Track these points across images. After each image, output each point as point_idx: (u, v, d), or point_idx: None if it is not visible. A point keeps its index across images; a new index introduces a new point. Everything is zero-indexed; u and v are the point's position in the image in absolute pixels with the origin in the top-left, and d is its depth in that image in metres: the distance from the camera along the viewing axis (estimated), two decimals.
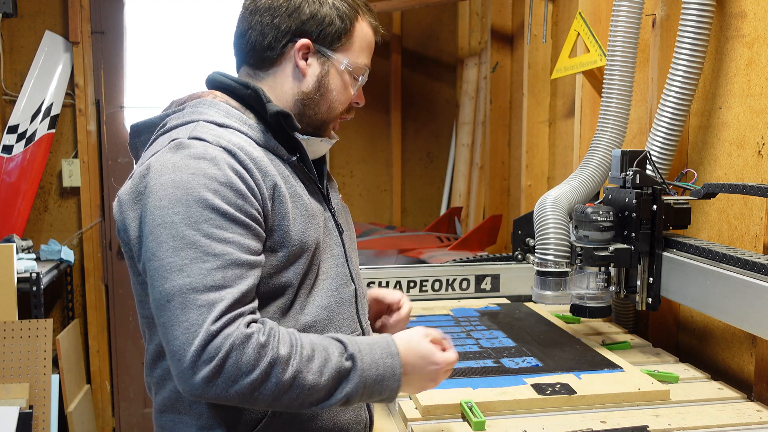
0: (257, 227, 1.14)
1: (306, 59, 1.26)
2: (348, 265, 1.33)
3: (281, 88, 1.28)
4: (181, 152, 1.13)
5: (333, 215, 1.34)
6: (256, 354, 1.05)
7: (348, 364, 1.12)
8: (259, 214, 1.15)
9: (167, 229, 1.08)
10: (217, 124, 1.21)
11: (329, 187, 1.39)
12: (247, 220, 1.12)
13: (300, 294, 1.23)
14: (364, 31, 1.29)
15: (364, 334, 1.34)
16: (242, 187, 1.13)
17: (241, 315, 1.08)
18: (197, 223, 1.08)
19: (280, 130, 1.26)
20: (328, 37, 1.26)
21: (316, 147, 1.33)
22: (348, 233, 1.39)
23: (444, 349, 1.25)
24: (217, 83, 1.30)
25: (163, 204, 1.09)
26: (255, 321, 1.10)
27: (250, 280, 1.11)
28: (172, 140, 1.16)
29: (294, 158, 1.25)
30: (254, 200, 1.14)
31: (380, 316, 1.49)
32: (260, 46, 1.26)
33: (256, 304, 1.13)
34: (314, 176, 1.29)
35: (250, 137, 1.22)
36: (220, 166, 1.12)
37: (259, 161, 1.18)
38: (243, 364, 1.04)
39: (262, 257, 1.15)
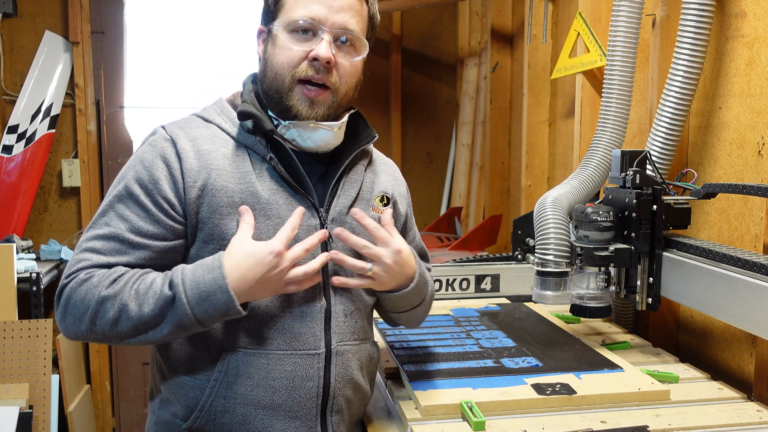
0: (158, 213, 1.21)
1: (265, 43, 1.31)
2: (325, 279, 1.28)
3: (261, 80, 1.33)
4: (149, 136, 1.29)
5: (323, 224, 1.28)
6: (88, 294, 1.16)
7: (169, 291, 1.15)
8: (169, 202, 1.21)
9: (107, 194, 1.26)
10: (203, 119, 1.31)
11: (340, 191, 1.31)
12: (148, 203, 1.21)
13: None
14: None
15: (330, 355, 1.27)
16: (160, 174, 1.21)
17: (88, 268, 1.19)
18: (114, 196, 1.23)
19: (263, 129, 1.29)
20: (269, 14, 1.29)
21: (310, 131, 1.27)
22: (347, 246, 1.28)
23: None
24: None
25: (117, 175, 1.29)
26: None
27: (128, 258, 1.20)
28: (157, 126, 1.31)
29: (269, 156, 1.26)
30: (167, 188, 1.21)
31: None
32: None
33: None
34: (294, 178, 1.26)
35: (228, 133, 1.29)
36: (154, 152, 1.24)
37: (204, 154, 1.24)
38: (79, 305, 1.17)
39: (158, 243, 1.22)
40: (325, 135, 1.29)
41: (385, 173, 1.45)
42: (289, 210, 1.25)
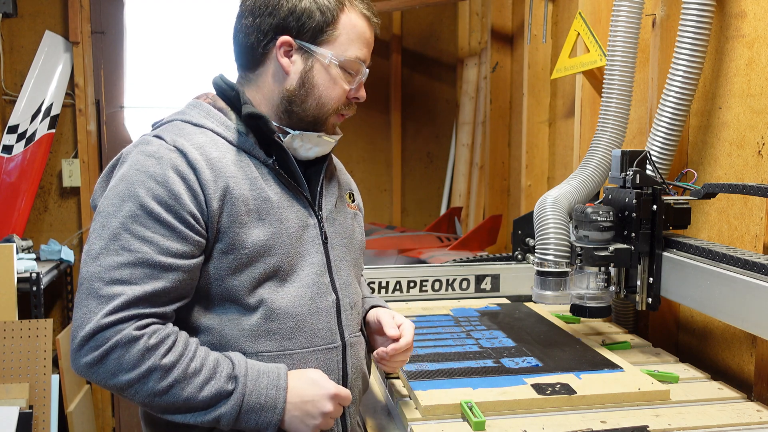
0: (185, 230, 1.15)
1: (290, 56, 1.26)
2: (330, 274, 1.30)
3: (268, 88, 1.29)
4: (139, 148, 1.19)
5: (320, 222, 1.31)
6: (139, 356, 1.09)
7: (230, 386, 1.14)
8: (194, 216, 1.15)
9: (102, 217, 1.14)
10: (192, 124, 1.25)
11: (325, 192, 1.36)
12: (173, 221, 1.14)
13: (263, 300, 1.22)
14: (352, 22, 1.26)
15: (345, 347, 1.30)
16: (178, 188, 1.14)
17: (138, 317, 1.11)
18: (124, 217, 1.12)
19: (261, 132, 1.26)
20: (309, 32, 1.24)
21: (314, 143, 1.31)
22: (340, 241, 1.35)
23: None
24: (214, 85, 1.33)
25: (108, 195, 1.16)
26: (156, 324, 1.12)
27: (163, 282, 1.12)
28: (142, 136, 1.22)
29: (270, 160, 1.25)
30: (189, 202, 1.15)
31: (383, 344, 1.39)
32: (246, 48, 1.29)
33: (168, 308, 1.15)
34: (293, 180, 1.27)
35: (224, 138, 1.25)
36: (163, 165, 1.15)
37: (215, 162, 1.20)
38: (125, 362, 1.09)
39: (188, 261, 1.15)
40: (326, 146, 1.33)
41: (341, 171, 1.49)
42: (292, 212, 1.26)
